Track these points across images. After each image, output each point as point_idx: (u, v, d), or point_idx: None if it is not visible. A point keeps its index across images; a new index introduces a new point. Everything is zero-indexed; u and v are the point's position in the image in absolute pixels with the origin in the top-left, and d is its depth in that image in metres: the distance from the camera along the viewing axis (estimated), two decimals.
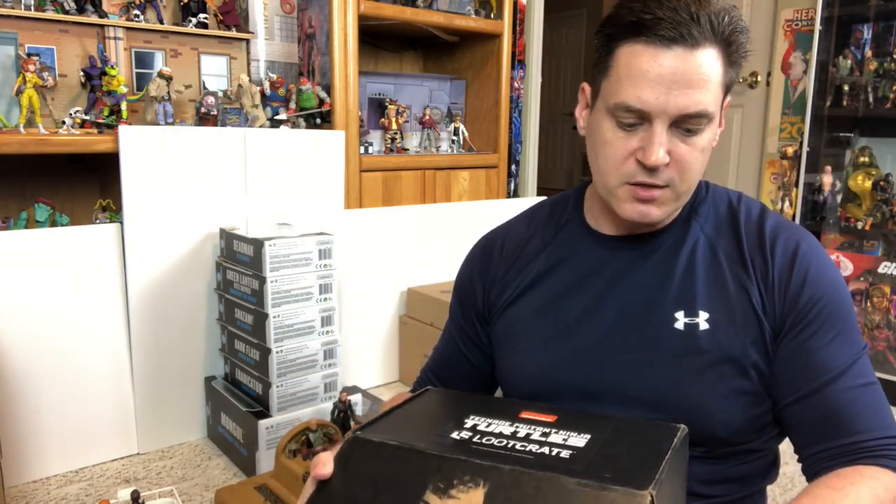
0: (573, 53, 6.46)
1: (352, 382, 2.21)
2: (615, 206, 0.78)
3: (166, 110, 1.87)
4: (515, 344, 0.87)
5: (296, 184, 2.04)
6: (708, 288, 0.78)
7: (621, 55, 0.73)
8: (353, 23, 2.17)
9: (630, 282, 0.82)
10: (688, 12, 0.70)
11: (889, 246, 2.32)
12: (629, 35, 0.72)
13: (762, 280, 0.77)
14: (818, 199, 2.48)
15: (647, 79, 0.70)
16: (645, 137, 0.73)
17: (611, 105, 0.74)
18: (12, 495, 1.63)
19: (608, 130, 0.75)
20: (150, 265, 1.80)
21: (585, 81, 0.83)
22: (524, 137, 3.08)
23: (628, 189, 0.76)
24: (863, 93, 2.34)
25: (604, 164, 0.77)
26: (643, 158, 0.72)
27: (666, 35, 0.69)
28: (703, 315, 0.77)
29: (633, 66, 0.71)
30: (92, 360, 1.75)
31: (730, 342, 0.76)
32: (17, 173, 1.94)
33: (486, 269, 0.92)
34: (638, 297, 0.81)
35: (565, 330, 0.83)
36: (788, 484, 1.75)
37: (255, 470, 1.69)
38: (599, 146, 0.77)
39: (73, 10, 1.87)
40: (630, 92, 0.71)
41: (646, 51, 0.71)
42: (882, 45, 2.33)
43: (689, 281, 0.79)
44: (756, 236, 0.80)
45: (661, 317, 0.79)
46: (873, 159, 2.38)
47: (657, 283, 0.80)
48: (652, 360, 0.78)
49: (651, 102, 0.71)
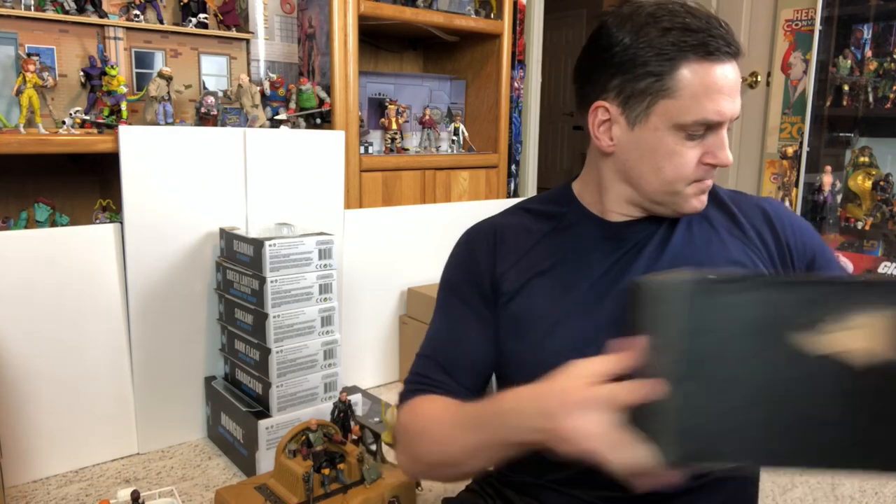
0: (573, 53, 6.46)
1: (352, 382, 2.21)
2: (679, 205, 0.85)
3: (166, 110, 1.87)
4: (531, 328, 0.88)
5: (296, 184, 2.04)
6: (713, 259, 0.88)
7: (688, 75, 0.78)
8: (353, 23, 2.17)
9: (642, 260, 0.88)
10: (722, 26, 0.79)
11: (889, 246, 2.32)
12: (691, 56, 0.78)
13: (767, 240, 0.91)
14: (818, 199, 2.48)
15: (722, 93, 0.78)
16: (713, 143, 0.81)
17: (683, 122, 0.79)
18: (12, 495, 1.63)
19: (676, 144, 0.81)
20: (150, 265, 1.80)
21: (598, 101, 0.85)
22: (524, 137, 3.08)
23: (695, 187, 0.84)
24: (863, 93, 2.34)
25: (672, 173, 0.83)
26: (720, 161, 0.82)
27: (724, 50, 0.78)
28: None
29: (707, 84, 0.78)
30: (92, 360, 1.75)
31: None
32: (17, 173, 1.94)
33: (492, 254, 0.93)
34: (651, 272, 0.86)
35: (585, 309, 0.86)
36: (788, 484, 1.75)
37: (255, 470, 1.69)
38: (664, 158, 0.83)
39: (73, 10, 1.87)
40: (709, 108, 0.78)
41: (713, 68, 0.78)
42: (882, 45, 2.33)
43: (695, 255, 0.88)
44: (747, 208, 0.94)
45: None
46: (873, 159, 2.38)
47: (665, 257, 0.88)
48: None
49: (726, 113, 0.79)
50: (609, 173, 0.89)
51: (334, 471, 1.35)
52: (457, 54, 2.79)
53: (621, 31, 0.82)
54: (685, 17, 0.78)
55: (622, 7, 0.84)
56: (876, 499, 1.69)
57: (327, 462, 1.35)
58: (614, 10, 0.85)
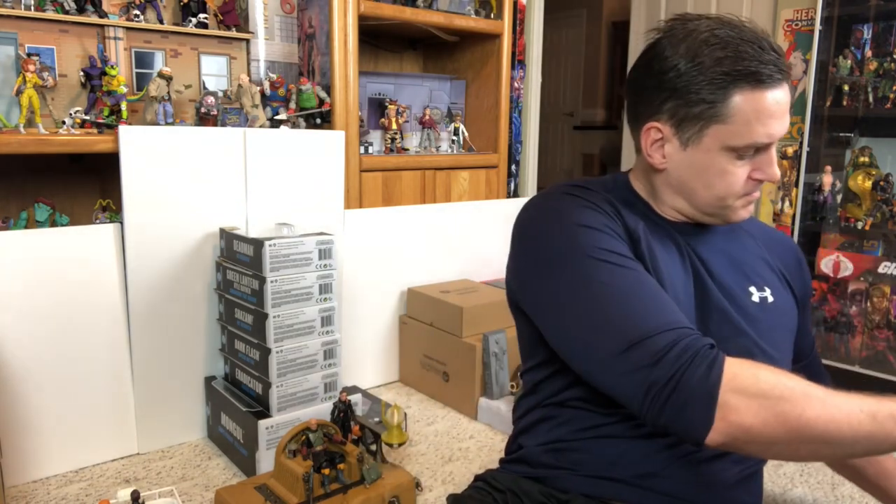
0: (573, 53, 6.46)
1: (352, 382, 2.21)
2: (728, 217, 0.92)
3: (166, 110, 1.87)
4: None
5: (296, 184, 2.04)
6: (763, 268, 0.99)
7: (741, 103, 0.83)
8: (353, 23, 2.17)
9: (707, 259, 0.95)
10: (774, 49, 0.83)
11: (889, 246, 2.32)
12: (743, 84, 0.82)
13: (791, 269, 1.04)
14: (818, 199, 2.48)
15: (773, 117, 0.83)
16: (763, 160, 0.87)
17: (735, 145, 0.85)
18: (12, 495, 1.63)
19: (727, 163, 0.87)
20: (150, 265, 1.80)
21: (651, 122, 0.90)
22: (524, 137, 3.08)
23: (743, 200, 0.91)
24: (863, 93, 2.34)
25: (723, 190, 0.89)
26: (767, 177, 0.88)
27: (776, 77, 0.83)
28: (768, 290, 0.97)
29: (759, 110, 0.83)
30: (92, 360, 1.75)
31: (788, 312, 0.99)
32: (17, 173, 1.94)
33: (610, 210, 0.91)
34: (718, 274, 0.95)
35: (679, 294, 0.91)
36: (788, 484, 1.75)
37: (255, 470, 1.69)
38: (715, 177, 0.88)
39: (73, 10, 1.87)
40: (761, 132, 0.84)
41: (765, 94, 0.83)
42: (882, 45, 2.33)
43: (750, 261, 0.99)
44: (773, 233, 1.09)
45: (741, 290, 0.95)
46: (873, 159, 2.38)
47: (728, 261, 0.97)
48: (745, 327, 0.92)
49: (776, 136, 0.85)
50: (662, 185, 0.95)
51: (334, 471, 1.35)
52: (457, 54, 2.79)
53: (676, 56, 0.85)
54: (738, 43, 0.82)
55: (675, 27, 0.88)
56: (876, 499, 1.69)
57: (327, 462, 1.35)
58: (669, 28, 0.89)
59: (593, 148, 6.21)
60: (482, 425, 2.05)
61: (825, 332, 2.43)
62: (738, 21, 0.86)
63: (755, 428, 0.71)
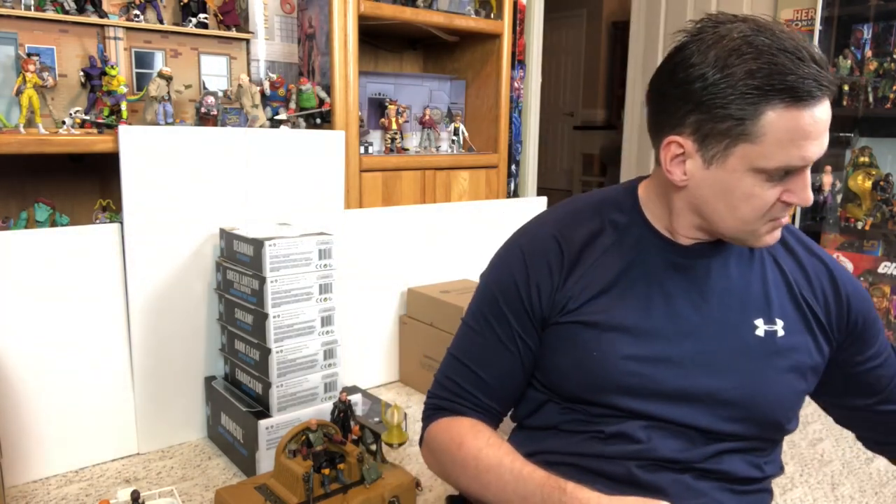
0: (573, 53, 6.46)
1: (352, 382, 2.21)
2: (750, 241, 0.84)
3: (166, 110, 1.87)
4: (588, 346, 0.86)
5: (296, 184, 2.04)
6: (780, 298, 0.89)
7: (774, 121, 0.73)
8: (353, 23, 2.17)
9: (707, 289, 0.87)
10: (816, 61, 0.73)
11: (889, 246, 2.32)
12: (777, 101, 0.73)
13: (829, 300, 0.90)
14: (818, 199, 2.48)
15: (810, 139, 0.74)
16: (794, 183, 0.78)
17: (764, 167, 0.76)
18: (12, 495, 1.63)
19: (754, 186, 0.78)
20: (150, 265, 1.80)
21: (673, 135, 0.81)
22: (524, 137, 3.08)
23: (769, 225, 0.82)
24: (863, 93, 2.34)
25: (749, 214, 0.80)
26: (798, 201, 0.79)
27: (815, 93, 0.73)
28: (780, 323, 0.87)
29: (794, 130, 0.74)
30: (92, 360, 1.75)
31: (802, 349, 0.88)
32: (17, 173, 1.94)
33: (552, 269, 0.89)
34: (717, 304, 0.87)
35: (648, 334, 0.85)
36: (788, 484, 1.75)
37: (255, 470, 1.69)
38: (740, 200, 0.79)
39: (73, 10, 1.87)
40: (794, 154, 0.75)
41: (802, 113, 0.73)
42: (882, 45, 2.33)
43: (764, 290, 0.88)
44: (813, 259, 0.93)
45: (744, 323, 0.87)
46: (873, 159, 2.38)
47: (734, 290, 0.88)
48: (737, 365, 0.85)
49: (812, 158, 0.76)
50: (680, 203, 0.86)
51: (334, 471, 1.35)
52: (457, 54, 2.79)
53: (703, 64, 0.76)
54: (774, 53, 0.72)
55: (704, 29, 0.78)
56: (876, 499, 1.69)
57: (327, 462, 1.35)
58: (698, 31, 0.79)
59: (593, 148, 6.21)
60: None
61: None
62: (777, 26, 0.75)
63: (433, 469, 0.96)
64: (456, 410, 0.93)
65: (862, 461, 1.87)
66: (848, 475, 1.80)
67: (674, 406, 0.84)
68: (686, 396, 0.84)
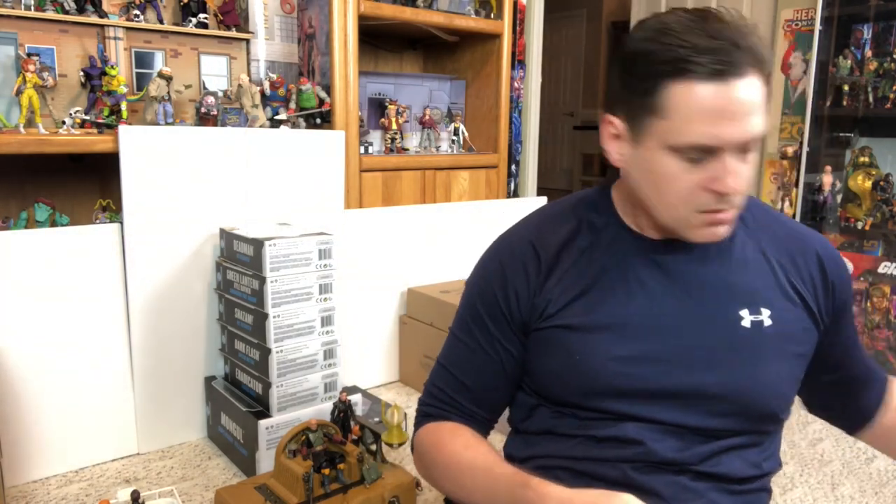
0: (573, 53, 6.46)
1: (352, 382, 2.20)
2: (684, 233, 0.81)
3: (166, 110, 1.87)
4: (572, 349, 0.86)
5: (296, 184, 2.04)
6: (765, 286, 0.86)
7: (675, 95, 0.72)
8: (353, 23, 2.17)
9: (688, 283, 0.86)
10: (729, 41, 0.71)
11: (889, 246, 2.32)
12: (680, 74, 0.72)
13: (817, 284, 0.89)
14: (818, 199, 2.48)
15: (722, 116, 0.71)
16: (716, 168, 0.75)
17: (675, 145, 0.74)
18: (12, 495, 1.63)
19: (671, 166, 0.76)
20: (150, 265, 1.80)
21: (608, 113, 0.81)
22: (524, 137, 3.08)
23: (701, 217, 0.78)
24: (863, 93, 2.34)
25: (671, 197, 0.78)
26: (721, 188, 0.75)
27: (716, 68, 0.70)
28: (766, 312, 0.85)
29: (703, 106, 0.72)
30: (92, 360, 1.75)
31: (792, 336, 0.87)
32: (17, 173, 1.94)
33: (529, 275, 0.89)
34: (700, 298, 0.85)
35: (631, 334, 0.84)
36: (788, 484, 1.75)
37: (255, 470, 1.69)
38: (662, 182, 0.78)
39: (73, 10, 1.87)
40: (700, 131, 0.72)
41: (712, 87, 0.71)
42: (882, 45, 2.33)
43: (747, 280, 0.86)
44: (801, 243, 0.91)
45: (728, 316, 0.85)
46: (873, 159, 2.38)
47: (716, 283, 0.86)
48: (724, 359, 0.84)
49: (724, 138, 0.72)
50: (629, 190, 0.86)
51: (334, 471, 1.35)
52: (457, 54, 2.79)
53: (633, 40, 0.77)
54: (684, 31, 0.72)
55: (650, 17, 0.79)
56: (876, 499, 1.69)
57: (327, 462, 1.35)
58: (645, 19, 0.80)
59: (593, 148, 6.21)
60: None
61: None
62: (720, 13, 0.74)
63: (422, 475, 0.96)
64: (442, 416, 0.94)
65: (862, 461, 1.87)
66: (848, 475, 1.80)
67: (663, 405, 0.83)
68: (674, 395, 0.83)
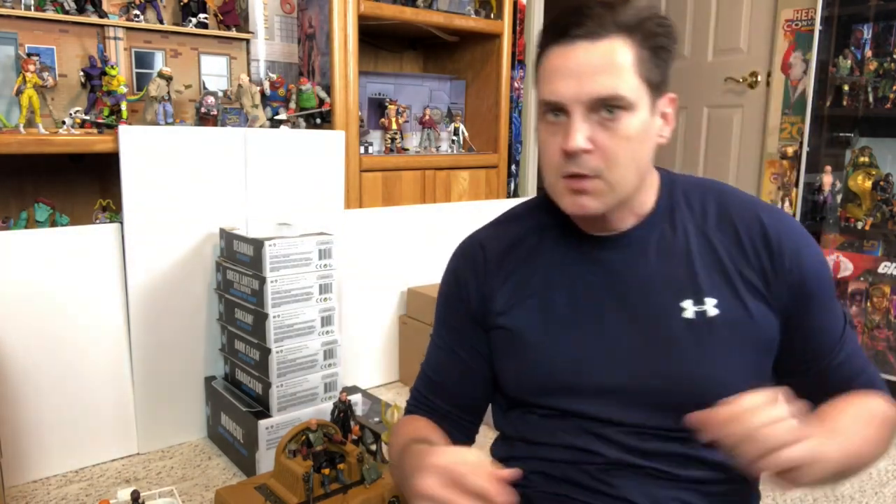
0: None
1: (352, 382, 2.21)
2: (559, 203, 0.81)
3: (166, 110, 1.87)
4: (521, 348, 0.87)
5: (296, 184, 2.04)
6: (709, 275, 0.82)
7: (543, 61, 0.79)
8: (353, 23, 2.17)
9: (628, 279, 0.84)
10: (591, 9, 0.76)
11: (889, 246, 2.32)
12: (548, 43, 0.78)
13: (766, 266, 0.81)
14: (818, 199, 2.48)
15: (558, 73, 0.76)
16: (566, 128, 0.76)
17: (538, 107, 0.80)
18: (12, 495, 1.63)
19: (542, 131, 0.80)
20: (150, 265, 1.80)
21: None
22: (524, 137, 3.08)
23: (563, 183, 0.79)
24: (863, 93, 2.34)
25: (544, 165, 0.81)
26: (563, 145, 0.76)
27: (572, 33, 0.75)
28: (711, 301, 0.81)
29: (549, 66, 0.78)
30: (92, 360, 1.75)
31: (743, 322, 0.81)
32: (17, 173, 1.94)
33: (478, 276, 0.91)
34: (640, 294, 0.83)
35: (575, 331, 0.84)
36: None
37: (255, 470, 1.69)
38: (540, 152, 0.82)
39: (73, 10, 1.87)
40: (547, 88, 0.77)
41: (558, 50, 0.77)
42: (882, 45, 2.32)
43: (690, 271, 0.82)
44: (751, 224, 0.83)
45: (669, 309, 0.82)
46: (873, 159, 2.38)
47: (656, 276, 0.83)
48: (664, 354, 0.81)
49: (562, 92, 0.75)
50: None
51: (334, 471, 1.35)
52: (457, 54, 2.79)
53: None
54: (573, 3, 0.78)
55: None
56: (876, 499, 1.69)
57: (327, 462, 1.35)
58: None
59: None
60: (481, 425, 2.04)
61: None
62: None
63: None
64: (411, 412, 0.99)
65: None
66: None
67: (607, 403, 0.82)
68: (616, 392, 0.82)
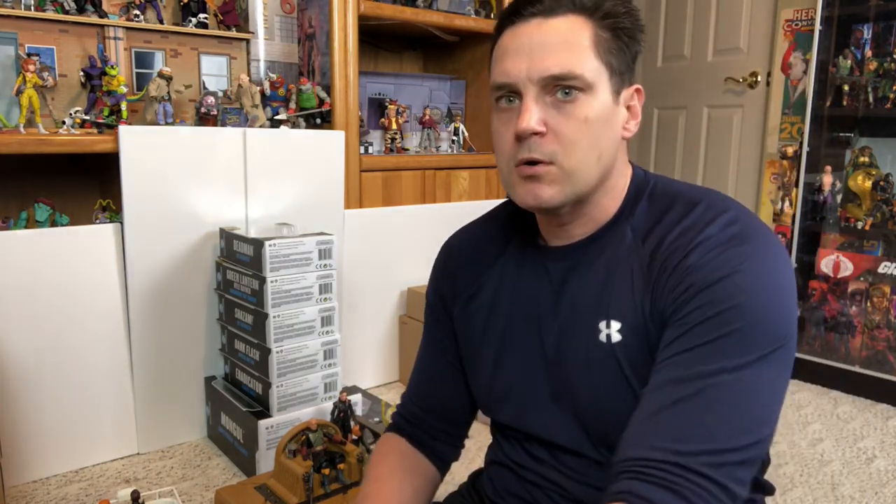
0: None
1: (352, 382, 2.21)
2: (513, 195, 0.76)
3: (166, 110, 1.87)
4: (468, 358, 0.88)
5: (296, 184, 2.04)
6: (620, 295, 0.73)
7: (496, 45, 0.75)
8: (353, 23, 2.17)
9: (567, 295, 0.78)
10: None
11: (889, 246, 2.32)
12: (503, 26, 0.74)
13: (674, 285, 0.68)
14: (818, 199, 2.48)
15: (510, 52, 0.71)
16: (519, 111, 0.72)
17: (490, 94, 0.76)
18: (12, 495, 1.63)
19: (495, 121, 0.76)
20: (150, 265, 1.80)
21: None
22: None
23: (517, 171, 0.73)
24: (863, 93, 2.34)
25: (498, 155, 0.76)
26: (516, 129, 0.71)
27: (526, 11, 0.71)
28: (615, 325, 0.73)
29: (500, 47, 0.73)
30: (92, 360, 1.75)
31: (637, 350, 0.71)
32: (17, 173, 1.94)
33: (444, 279, 0.91)
34: (573, 311, 0.77)
35: (510, 345, 0.83)
36: (788, 484, 1.75)
37: (255, 470, 1.69)
38: (494, 143, 0.77)
39: (73, 10, 1.87)
40: (497, 69, 0.73)
41: (511, 30, 0.72)
42: (882, 45, 2.32)
43: (608, 289, 0.74)
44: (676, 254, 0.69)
45: (588, 329, 0.75)
46: (873, 159, 2.38)
47: (586, 293, 0.76)
48: (582, 379, 0.75)
49: (513, 72, 0.71)
50: None
51: (334, 471, 1.35)
52: (457, 54, 2.79)
53: None
54: None
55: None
56: (876, 499, 1.69)
57: (327, 462, 1.35)
58: None
59: None
60: (481, 425, 2.05)
61: (825, 331, 2.43)
62: None
63: None
64: (398, 427, 0.95)
65: (862, 461, 1.87)
66: (848, 475, 1.80)
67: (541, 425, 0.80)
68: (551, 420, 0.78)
